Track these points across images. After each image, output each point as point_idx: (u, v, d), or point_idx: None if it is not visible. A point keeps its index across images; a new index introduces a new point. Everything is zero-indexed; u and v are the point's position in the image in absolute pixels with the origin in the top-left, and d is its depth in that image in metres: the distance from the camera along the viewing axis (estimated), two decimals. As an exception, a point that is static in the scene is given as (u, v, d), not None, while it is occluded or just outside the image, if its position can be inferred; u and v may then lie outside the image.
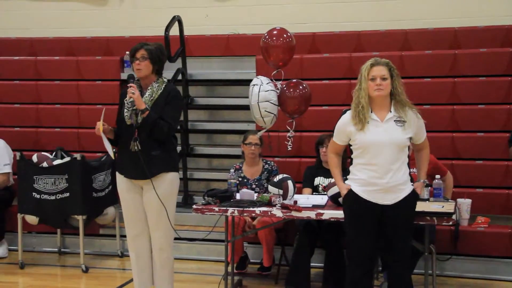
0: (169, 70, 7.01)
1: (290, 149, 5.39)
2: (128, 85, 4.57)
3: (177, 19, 7.29)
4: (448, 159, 6.38)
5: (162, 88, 4.68)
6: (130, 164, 4.67)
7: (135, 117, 4.59)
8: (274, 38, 5.33)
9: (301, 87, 5.42)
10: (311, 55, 7.34)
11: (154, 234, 4.78)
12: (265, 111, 5.19)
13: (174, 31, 7.30)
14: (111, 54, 8.02)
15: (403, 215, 4.28)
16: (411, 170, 4.50)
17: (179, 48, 7.29)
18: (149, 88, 4.68)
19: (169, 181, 4.72)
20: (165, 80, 4.76)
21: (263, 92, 5.18)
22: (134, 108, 4.58)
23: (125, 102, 4.64)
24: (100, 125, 4.59)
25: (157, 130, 4.59)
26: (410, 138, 4.31)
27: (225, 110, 7.67)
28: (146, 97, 4.63)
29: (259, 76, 5.38)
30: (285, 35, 5.35)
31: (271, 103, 5.21)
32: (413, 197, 4.33)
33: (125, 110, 4.64)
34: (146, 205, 4.76)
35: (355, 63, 6.78)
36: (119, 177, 4.83)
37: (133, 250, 4.87)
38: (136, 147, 4.58)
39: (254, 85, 5.25)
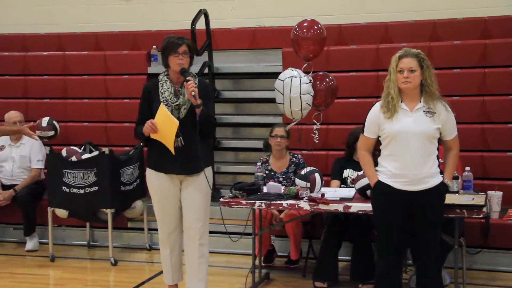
0: (195, 64, 6.99)
1: (317, 141, 5.35)
2: (187, 78, 4.45)
3: (203, 13, 7.29)
4: (478, 151, 6.30)
5: (197, 83, 4.57)
6: (172, 159, 4.53)
7: (176, 112, 4.51)
8: (305, 30, 5.29)
9: (327, 79, 5.38)
10: (338, 47, 7.27)
11: (194, 229, 4.65)
12: (306, 103, 5.12)
13: (201, 24, 7.30)
14: (138, 49, 8.07)
15: (432, 205, 4.23)
16: (440, 160, 4.42)
17: (205, 41, 7.29)
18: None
19: (209, 175, 4.68)
20: (196, 74, 4.67)
21: (304, 85, 5.11)
22: (177, 103, 4.50)
23: (162, 97, 4.51)
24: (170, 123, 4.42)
25: (209, 125, 4.56)
26: (439, 131, 4.24)
27: (251, 103, 7.65)
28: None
29: (293, 68, 5.30)
30: (315, 27, 5.31)
31: (311, 95, 5.16)
32: (443, 187, 4.27)
33: (163, 104, 4.50)
34: (187, 199, 4.64)
35: (383, 54, 6.72)
36: (155, 174, 4.67)
37: (167, 246, 4.76)
38: (180, 143, 4.50)
39: (292, 77, 5.13)
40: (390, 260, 4.28)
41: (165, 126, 4.44)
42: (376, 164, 4.38)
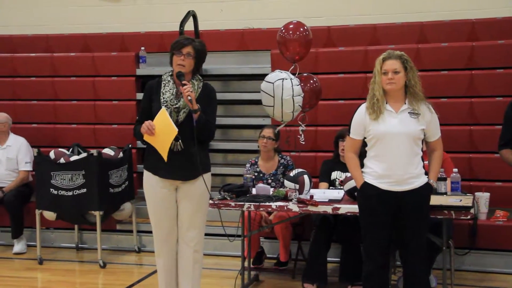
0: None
1: (303, 143, 5.35)
2: (183, 82, 4.29)
3: (191, 14, 7.29)
4: (466, 153, 6.34)
5: (201, 87, 4.47)
6: (169, 164, 4.36)
7: (175, 115, 4.36)
8: (291, 31, 5.29)
9: (312, 81, 5.39)
10: (326, 48, 7.29)
11: (189, 235, 4.52)
12: (298, 105, 5.11)
13: (189, 26, 7.30)
14: (127, 50, 8.05)
15: (418, 205, 4.26)
16: (424, 162, 4.45)
17: (194, 43, 7.27)
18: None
19: (208, 181, 4.50)
20: (201, 78, 4.54)
21: (296, 86, 5.09)
22: (177, 105, 4.34)
23: (163, 98, 4.36)
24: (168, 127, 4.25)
25: (206, 131, 4.40)
26: (424, 132, 4.27)
27: (240, 105, 7.66)
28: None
29: (281, 70, 5.27)
30: (301, 29, 5.31)
31: (301, 97, 5.15)
32: (428, 187, 4.30)
33: (165, 108, 4.34)
34: (183, 205, 4.48)
35: (371, 56, 6.72)
36: (151, 178, 4.48)
37: (161, 255, 4.58)
38: (179, 147, 4.35)
39: (283, 79, 5.09)
40: (376, 261, 4.30)
41: (162, 131, 4.28)
42: (362, 165, 4.40)
